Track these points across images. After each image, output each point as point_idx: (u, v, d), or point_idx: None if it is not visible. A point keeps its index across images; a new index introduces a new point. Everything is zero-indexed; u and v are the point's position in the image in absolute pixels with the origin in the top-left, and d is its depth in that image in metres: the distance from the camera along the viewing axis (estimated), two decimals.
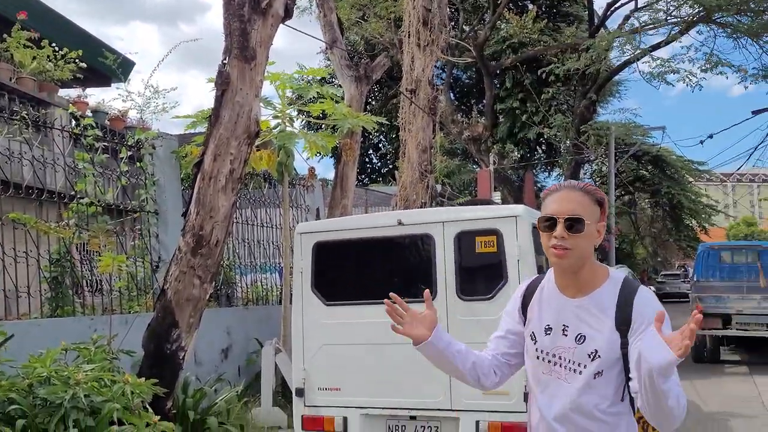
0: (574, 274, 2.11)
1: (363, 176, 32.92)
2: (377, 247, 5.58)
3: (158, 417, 5.49)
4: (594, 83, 21.77)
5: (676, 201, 31.00)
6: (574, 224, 2.04)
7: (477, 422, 4.92)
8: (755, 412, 8.19)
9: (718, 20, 17.59)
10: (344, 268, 5.74)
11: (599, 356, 2.04)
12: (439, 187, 18.29)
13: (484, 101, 24.83)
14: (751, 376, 11.08)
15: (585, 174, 33.53)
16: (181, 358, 6.09)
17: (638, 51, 18.88)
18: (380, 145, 32.95)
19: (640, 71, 19.46)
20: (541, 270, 5.56)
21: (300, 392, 5.52)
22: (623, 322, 2.02)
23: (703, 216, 32.91)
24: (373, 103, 27.24)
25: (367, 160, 34.25)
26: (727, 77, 17.28)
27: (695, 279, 15.02)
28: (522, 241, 5.00)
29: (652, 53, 18.87)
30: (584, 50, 19.10)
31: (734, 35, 17.78)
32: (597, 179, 33.48)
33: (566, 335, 2.12)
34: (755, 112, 17.47)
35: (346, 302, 5.53)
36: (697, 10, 17.44)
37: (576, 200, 2.08)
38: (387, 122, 11.84)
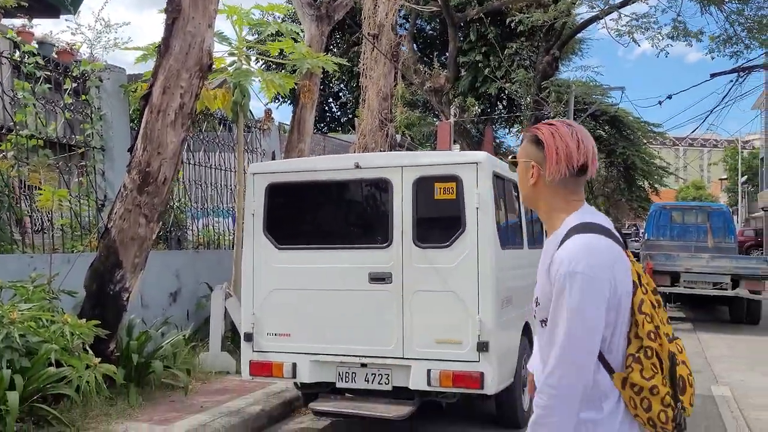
0: (541, 216, 2.07)
1: (322, 125, 32.42)
2: (333, 191, 5.41)
3: (99, 359, 5.30)
4: (558, 39, 21.63)
5: (630, 162, 31.41)
6: (513, 164, 2.10)
7: (428, 371, 4.86)
8: (698, 368, 8.37)
9: None
10: (298, 211, 5.55)
11: (539, 303, 1.95)
12: (398, 137, 18.08)
13: (448, 53, 24.50)
14: (696, 332, 11.36)
15: None
16: (125, 299, 5.88)
17: (607, 6, 18.72)
18: (341, 94, 32.45)
19: (608, 28, 19.37)
20: (502, 224, 5.48)
21: (249, 337, 5.37)
22: (549, 275, 1.90)
23: (656, 177, 33.53)
24: (335, 50, 26.64)
25: (326, 108, 33.70)
26: (691, 45, 17.26)
27: (646, 237, 15.30)
28: (482, 189, 4.88)
29: (620, 10, 18.74)
30: (553, 2, 18.87)
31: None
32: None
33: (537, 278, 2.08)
34: (714, 75, 17.58)
35: (299, 246, 5.36)
36: None
37: (522, 146, 2.08)
38: (348, 64, 11.49)
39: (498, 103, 28.37)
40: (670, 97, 16.44)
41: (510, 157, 2.04)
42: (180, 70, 5.44)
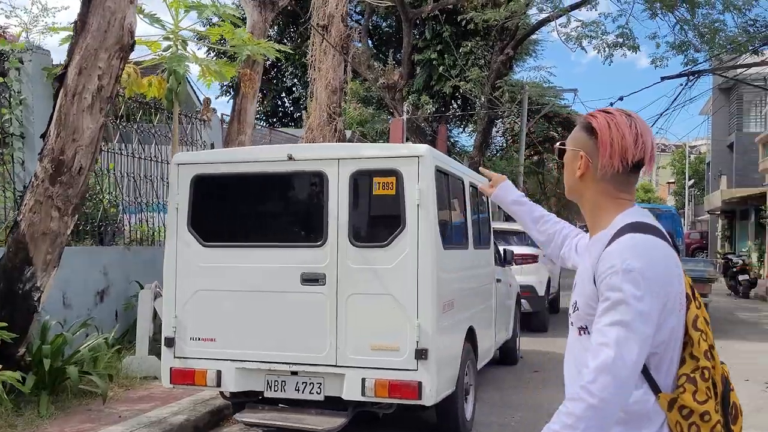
0: (584, 213, 1.84)
1: (274, 120, 31.85)
2: (264, 184, 5.01)
3: (3, 365, 4.81)
4: (512, 39, 21.56)
5: None
6: (558, 153, 1.87)
7: (363, 380, 4.51)
8: None
9: None
10: (226, 205, 5.14)
11: (577, 308, 1.74)
12: (348, 133, 17.71)
13: (402, 50, 24.22)
14: None
15: (498, 131, 33.79)
16: (36, 299, 5.38)
17: (556, 10, 18.68)
18: (294, 89, 31.89)
19: (558, 31, 19.31)
20: (445, 222, 5.17)
21: (170, 342, 4.93)
22: (595, 277, 1.66)
23: None
24: (288, 43, 26.12)
25: (279, 103, 33.13)
26: (635, 52, 17.30)
27: None
28: (424, 184, 4.55)
29: (571, 14, 18.71)
30: (505, 2, 18.76)
31: (650, 4, 17.79)
32: (509, 137, 33.80)
33: (576, 281, 1.85)
34: (664, 78, 17.66)
35: (226, 244, 4.95)
36: None
37: (573, 130, 1.86)
38: (292, 52, 11.07)
39: (452, 101, 28.28)
40: (621, 98, 16.40)
41: (558, 143, 1.88)
42: (98, 50, 4.97)
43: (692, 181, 48.88)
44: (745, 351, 10.04)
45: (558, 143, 1.86)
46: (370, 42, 28.53)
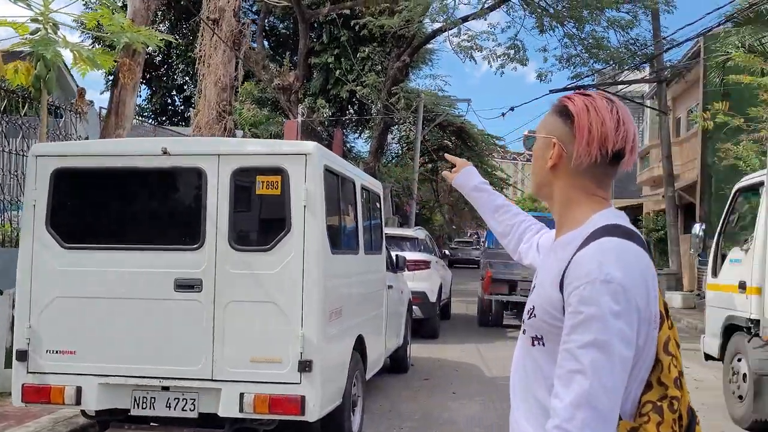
0: (552, 210, 1.58)
1: (164, 118, 30.62)
2: (135, 180, 4.56)
3: None
4: (409, 46, 21.68)
5: None
6: (526, 142, 1.63)
7: (241, 395, 4.16)
8: None
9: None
10: (91, 203, 4.64)
11: (534, 315, 1.48)
12: (240, 133, 17.14)
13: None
14: None
15: (393, 138, 34.00)
16: None
17: (449, 21, 18.92)
18: (185, 87, 30.78)
19: (450, 42, 19.58)
20: (334, 225, 4.90)
21: (22, 356, 4.38)
22: (563, 283, 1.42)
23: (497, 188, 34.86)
24: (180, 40, 25.13)
25: (169, 101, 31.90)
26: (524, 65, 17.76)
27: (487, 246, 15.45)
28: (311, 184, 4.26)
29: (465, 25, 18.98)
30: (399, 11, 18.80)
31: (540, 17, 18.32)
32: (404, 144, 34.07)
33: (534, 283, 1.59)
34: (553, 91, 18.24)
35: (90, 245, 4.46)
36: None
37: (544, 116, 1.61)
38: (177, 41, 10.49)
39: (349, 106, 28.18)
40: (512, 109, 16.87)
41: (526, 131, 1.64)
42: None
43: None
44: None
45: (526, 131, 1.61)
46: (266, 42, 27.97)
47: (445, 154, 2.50)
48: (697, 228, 7.37)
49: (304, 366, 4.12)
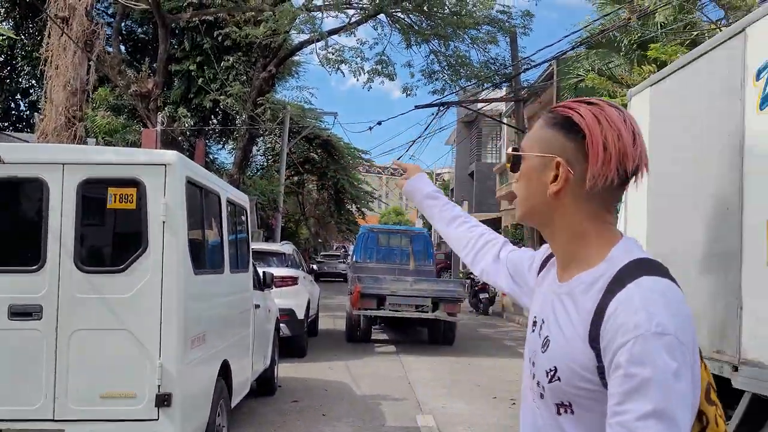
0: (550, 242, 1.37)
1: (7, 124, 28.18)
2: None
3: None
4: (275, 57, 21.33)
5: (340, 185, 32.59)
6: (512, 161, 1.37)
7: None
8: (403, 394, 8.22)
9: (395, 13, 18.24)
10: None
11: (558, 378, 1.23)
12: (92, 141, 15.99)
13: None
14: (398, 355, 11.45)
15: (259, 150, 33.34)
16: None
17: (316, 33, 18.80)
18: (31, 90, 28.50)
19: (317, 54, 19.46)
20: (197, 243, 4.51)
21: None
22: (595, 335, 1.18)
23: (363, 202, 35.24)
24: (26, 39, 23.26)
25: (13, 105, 29.43)
26: (393, 80, 17.93)
27: (354, 260, 15.37)
28: (171, 198, 3.87)
29: (332, 38, 18.91)
30: (265, 21, 18.44)
31: (405, 33, 18.61)
32: (270, 156, 33.54)
33: (540, 335, 1.33)
34: (418, 107, 18.62)
35: None
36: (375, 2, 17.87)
37: (531, 131, 1.36)
38: (16, 37, 9.59)
39: (213, 116, 27.28)
40: (380, 123, 17.01)
41: (510, 148, 1.38)
42: None
43: None
44: (490, 367, 10.59)
45: (510, 148, 1.36)
46: (123, 47, 26.52)
47: (393, 160, 2.33)
48: None
49: (162, 400, 3.72)
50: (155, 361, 3.75)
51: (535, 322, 1.37)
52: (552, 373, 1.23)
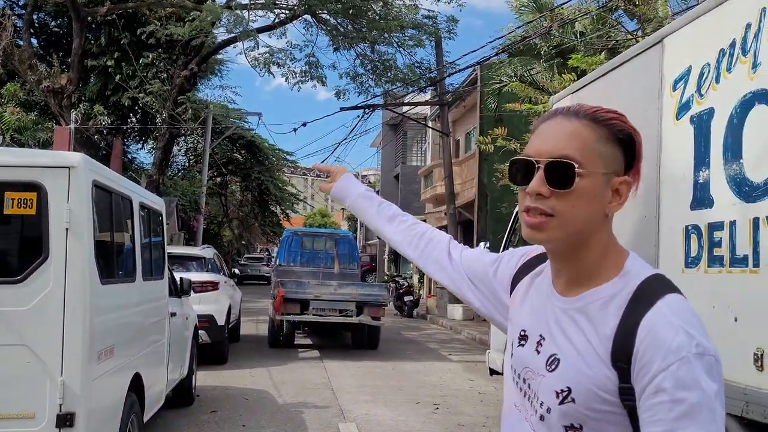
0: (568, 259, 1.25)
1: None
2: None
3: None
4: (197, 55, 20.79)
5: (264, 187, 32.16)
6: (559, 174, 1.18)
7: None
8: (327, 401, 8.08)
9: (321, 15, 18.08)
10: None
11: (571, 399, 1.17)
12: (0, 139, 15.13)
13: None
14: (322, 361, 11.28)
15: (180, 150, 32.48)
16: None
17: (244, 32, 18.42)
18: None
19: (245, 54, 19.04)
20: (105, 250, 4.24)
21: None
22: (621, 355, 1.14)
23: (287, 204, 34.89)
24: None
25: None
26: (323, 83, 17.70)
27: (278, 263, 15.09)
28: (76, 203, 3.62)
29: (260, 37, 18.56)
30: (190, 20, 17.92)
31: (331, 37, 18.46)
32: (192, 157, 32.74)
33: (539, 352, 1.27)
34: (343, 108, 18.51)
35: None
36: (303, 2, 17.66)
37: (572, 133, 1.20)
38: None
39: (131, 114, 26.37)
40: (305, 124, 16.75)
41: (560, 159, 1.19)
42: None
43: None
44: (413, 371, 10.58)
45: (560, 157, 1.19)
46: (34, 40, 25.32)
47: (314, 164, 2.15)
48: (482, 246, 7.66)
49: (64, 420, 3.47)
50: (57, 378, 3.49)
51: (525, 336, 1.32)
52: (565, 393, 1.18)
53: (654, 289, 1.17)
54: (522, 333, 1.33)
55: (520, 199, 1.25)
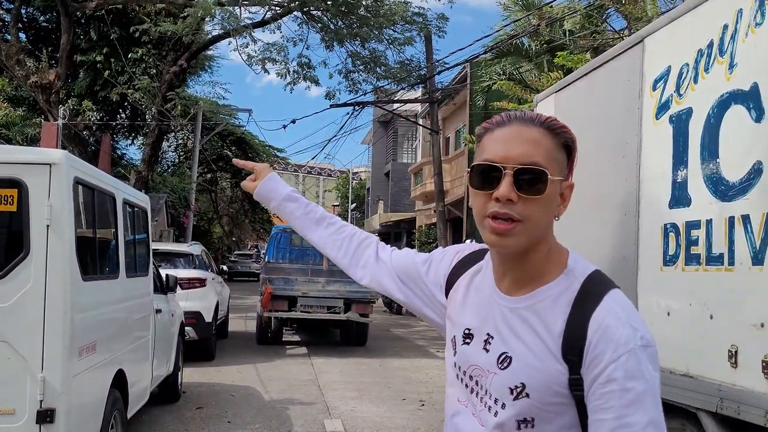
0: (518, 261, 1.29)
1: None
2: None
3: None
4: (187, 51, 20.73)
5: None
6: (530, 180, 1.22)
7: None
8: (313, 398, 8.10)
9: (312, 12, 18.06)
10: None
11: (526, 394, 1.23)
12: None
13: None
14: (310, 357, 11.30)
15: (170, 146, 32.40)
16: None
17: (238, 26, 18.36)
18: None
19: (239, 51, 18.95)
20: (87, 247, 4.24)
21: None
22: (571, 348, 1.20)
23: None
24: None
25: None
26: (316, 83, 17.65)
27: (267, 260, 15.08)
28: (57, 200, 3.62)
29: (254, 34, 18.51)
30: (183, 18, 17.85)
31: (324, 34, 18.44)
32: (181, 153, 32.66)
33: (487, 350, 1.30)
34: (333, 105, 18.48)
35: None
36: None
37: (535, 140, 1.24)
38: None
39: (121, 110, 26.26)
40: (294, 121, 16.75)
41: (533, 165, 1.23)
42: None
43: (354, 205, 52.65)
44: (400, 368, 10.61)
45: (531, 164, 1.22)
46: (23, 35, 25.17)
47: (234, 159, 2.05)
48: (468, 243, 7.68)
49: (45, 416, 3.47)
50: (37, 374, 3.50)
51: (470, 335, 1.34)
52: (519, 389, 1.23)
53: (599, 285, 1.24)
54: (466, 331, 1.36)
55: (481, 205, 1.25)
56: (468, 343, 1.35)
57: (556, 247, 1.30)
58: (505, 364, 1.26)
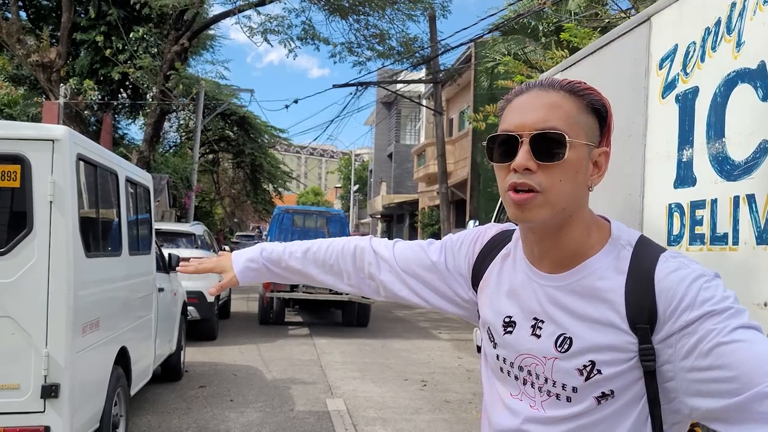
0: (556, 238, 1.21)
1: None
2: None
3: None
4: (188, 29, 20.61)
5: (257, 164, 32.05)
6: (548, 146, 1.14)
7: None
8: (315, 378, 8.13)
9: None
10: None
11: (597, 371, 1.16)
12: None
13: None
14: (312, 338, 11.35)
15: (171, 126, 32.31)
16: None
17: (243, 3, 18.23)
18: None
19: (241, 24, 18.84)
20: (90, 224, 4.24)
21: None
22: (640, 316, 1.12)
23: (280, 181, 34.80)
24: None
25: None
26: (318, 49, 17.55)
27: (269, 241, 15.10)
28: (60, 176, 3.61)
29: (258, 9, 18.37)
30: None
31: (326, 8, 18.31)
32: (183, 133, 32.59)
33: (539, 336, 1.23)
34: (335, 86, 18.40)
35: None
36: None
37: (553, 104, 1.17)
38: None
39: (122, 90, 26.17)
40: (296, 101, 16.66)
41: (548, 130, 1.15)
42: None
43: (357, 187, 52.62)
44: (402, 349, 10.65)
45: (546, 129, 1.15)
46: (23, 13, 25.04)
47: (211, 291, 1.71)
48: (471, 224, 7.68)
49: (49, 391, 3.49)
50: (41, 350, 3.51)
51: (512, 323, 1.27)
52: (589, 368, 1.16)
53: (651, 248, 1.19)
54: (507, 320, 1.29)
55: (502, 178, 1.20)
56: (510, 332, 1.27)
57: (595, 220, 1.24)
58: (566, 346, 1.19)
